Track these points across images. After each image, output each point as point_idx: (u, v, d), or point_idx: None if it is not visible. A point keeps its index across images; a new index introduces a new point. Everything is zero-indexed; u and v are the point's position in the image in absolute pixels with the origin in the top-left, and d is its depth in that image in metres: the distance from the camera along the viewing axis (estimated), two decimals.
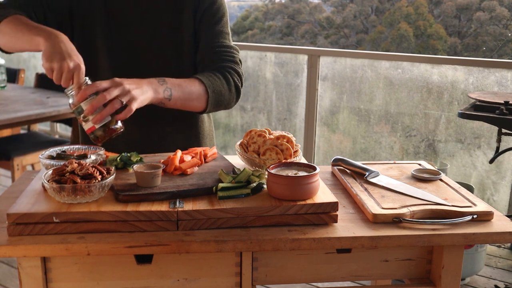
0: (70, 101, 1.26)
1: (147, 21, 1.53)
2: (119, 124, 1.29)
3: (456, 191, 1.35)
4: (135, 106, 1.27)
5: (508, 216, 2.85)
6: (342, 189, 1.40)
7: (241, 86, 1.57)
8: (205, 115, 1.68)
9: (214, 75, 1.50)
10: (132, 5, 1.52)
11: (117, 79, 1.28)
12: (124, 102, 1.26)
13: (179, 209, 1.13)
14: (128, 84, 1.28)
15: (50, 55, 1.24)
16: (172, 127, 1.60)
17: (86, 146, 1.40)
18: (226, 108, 1.57)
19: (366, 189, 1.34)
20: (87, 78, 1.29)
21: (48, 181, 1.15)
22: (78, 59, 1.26)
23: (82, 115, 1.25)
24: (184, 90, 1.42)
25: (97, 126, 1.25)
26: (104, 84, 1.25)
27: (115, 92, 1.24)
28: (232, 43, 1.60)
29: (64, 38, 1.28)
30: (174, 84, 1.40)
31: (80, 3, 1.52)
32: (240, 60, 1.59)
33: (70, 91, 1.26)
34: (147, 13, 1.53)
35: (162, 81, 1.38)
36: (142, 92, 1.30)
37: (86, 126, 1.26)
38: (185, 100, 1.42)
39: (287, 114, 4.22)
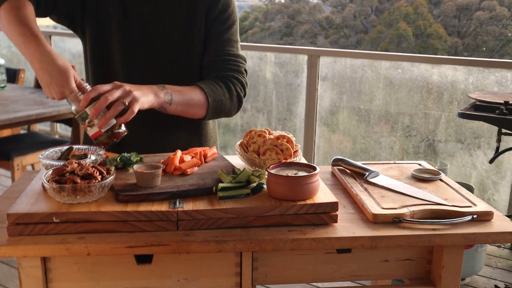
0: (72, 108, 1.29)
1: (161, 16, 1.54)
2: (123, 128, 1.32)
3: (456, 191, 1.35)
4: (137, 107, 1.29)
5: (508, 216, 2.85)
6: (342, 189, 1.40)
7: (244, 96, 1.58)
8: None
9: (216, 84, 1.51)
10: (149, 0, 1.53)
11: (117, 82, 1.30)
12: (127, 103, 1.27)
13: (179, 209, 1.13)
14: (129, 86, 1.31)
15: (43, 87, 1.28)
16: (176, 128, 1.60)
17: (86, 146, 1.40)
18: (227, 116, 1.59)
19: (366, 189, 1.34)
20: (87, 84, 1.31)
21: (48, 181, 1.15)
22: (66, 81, 1.26)
23: (87, 120, 1.27)
24: (185, 97, 1.44)
25: (103, 130, 1.28)
26: (105, 87, 1.27)
27: (116, 94, 1.26)
28: (240, 52, 1.61)
29: (46, 58, 1.26)
30: (175, 90, 1.42)
31: None
32: (245, 70, 1.60)
33: (69, 100, 1.28)
34: (162, 9, 1.53)
35: (162, 87, 1.41)
36: (143, 94, 1.33)
37: (91, 132, 1.28)
38: (185, 106, 1.44)
39: (287, 114, 4.22)
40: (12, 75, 4.09)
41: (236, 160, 1.46)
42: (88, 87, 1.30)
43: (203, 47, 1.58)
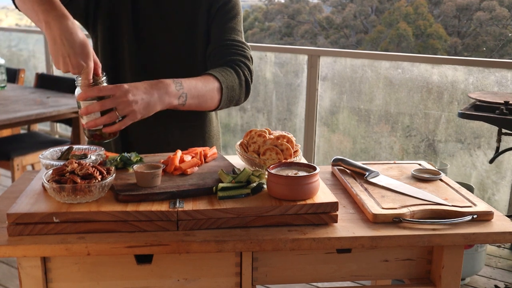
0: (76, 89, 1.27)
1: (166, 16, 1.54)
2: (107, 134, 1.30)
3: (456, 191, 1.35)
4: (128, 122, 1.26)
5: (508, 216, 2.85)
6: (342, 189, 1.40)
7: (251, 82, 1.55)
8: (213, 116, 1.69)
9: (226, 70, 1.48)
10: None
11: (125, 87, 1.23)
12: (120, 118, 1.25)
13: (179, 209, 1.13)
14: (133, 95, 1.24)
15: (55, 57, 1.22)
16: (179, 128, 1.60)
17: (86, 146, 1.40)
18: (237, 104, 1.56)
19: (366, 189, 1.34)
20: (104, 75, 1.28)
21: (48, 181, 1.15)
22: (83, 55, 1.22)
23: (79, 110, 1.27)
24: (200, 92, 1.39)
25: (87, 128, 1.28)
26: (106, 90, 1.22)
27: (110, 105, 1.22)
28: (244, 41, 1.60)
29: (69, 28, 1.21)
30: (190, 87, 1.37)
31: None
32: (251, 57, 1.58)
33: (78, 80, 1.25)
34: (167, 8, 1.54)
35: (179, 85, 1.35)
36: (145, 106, 1.27)
37: (82, 121, 1.29)
38: (199, 103, 1.41)
39: (287, 114, 4.22)
40: (12, 75, 4.09)
41: (236, 160, 1.46)
42: (104, 78, 1.27)
43: (206, 42, 1.57)
